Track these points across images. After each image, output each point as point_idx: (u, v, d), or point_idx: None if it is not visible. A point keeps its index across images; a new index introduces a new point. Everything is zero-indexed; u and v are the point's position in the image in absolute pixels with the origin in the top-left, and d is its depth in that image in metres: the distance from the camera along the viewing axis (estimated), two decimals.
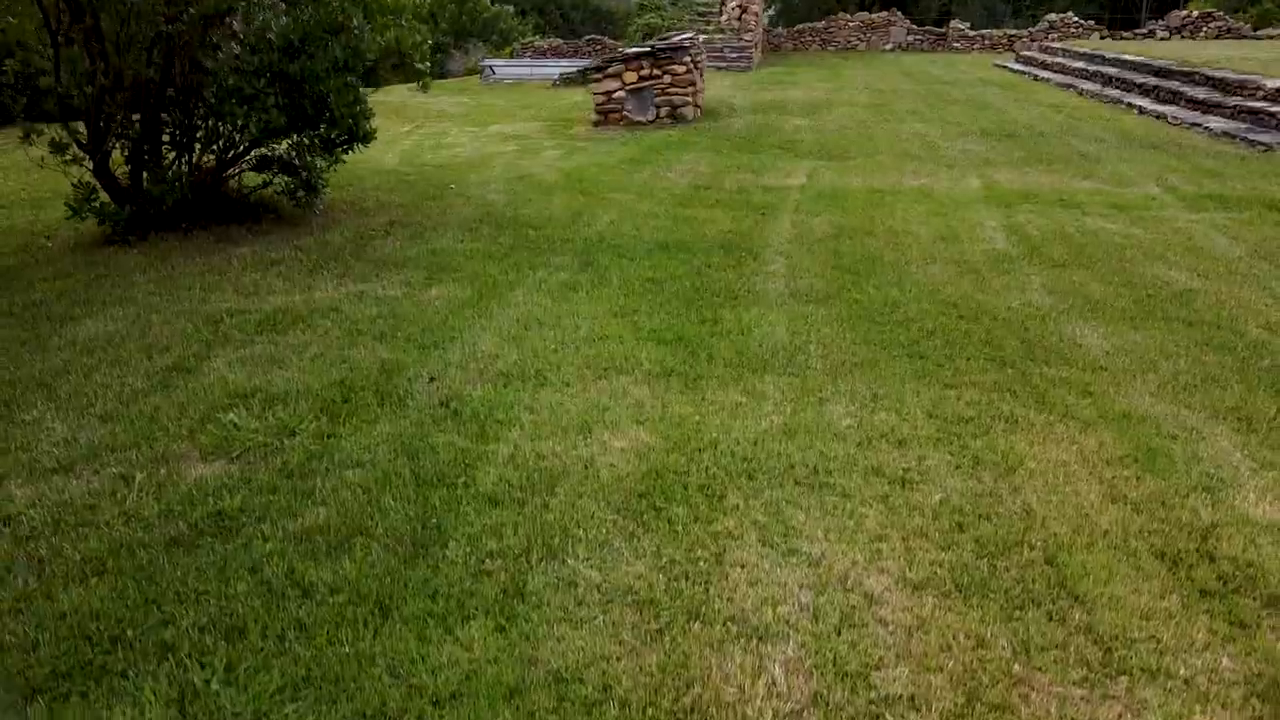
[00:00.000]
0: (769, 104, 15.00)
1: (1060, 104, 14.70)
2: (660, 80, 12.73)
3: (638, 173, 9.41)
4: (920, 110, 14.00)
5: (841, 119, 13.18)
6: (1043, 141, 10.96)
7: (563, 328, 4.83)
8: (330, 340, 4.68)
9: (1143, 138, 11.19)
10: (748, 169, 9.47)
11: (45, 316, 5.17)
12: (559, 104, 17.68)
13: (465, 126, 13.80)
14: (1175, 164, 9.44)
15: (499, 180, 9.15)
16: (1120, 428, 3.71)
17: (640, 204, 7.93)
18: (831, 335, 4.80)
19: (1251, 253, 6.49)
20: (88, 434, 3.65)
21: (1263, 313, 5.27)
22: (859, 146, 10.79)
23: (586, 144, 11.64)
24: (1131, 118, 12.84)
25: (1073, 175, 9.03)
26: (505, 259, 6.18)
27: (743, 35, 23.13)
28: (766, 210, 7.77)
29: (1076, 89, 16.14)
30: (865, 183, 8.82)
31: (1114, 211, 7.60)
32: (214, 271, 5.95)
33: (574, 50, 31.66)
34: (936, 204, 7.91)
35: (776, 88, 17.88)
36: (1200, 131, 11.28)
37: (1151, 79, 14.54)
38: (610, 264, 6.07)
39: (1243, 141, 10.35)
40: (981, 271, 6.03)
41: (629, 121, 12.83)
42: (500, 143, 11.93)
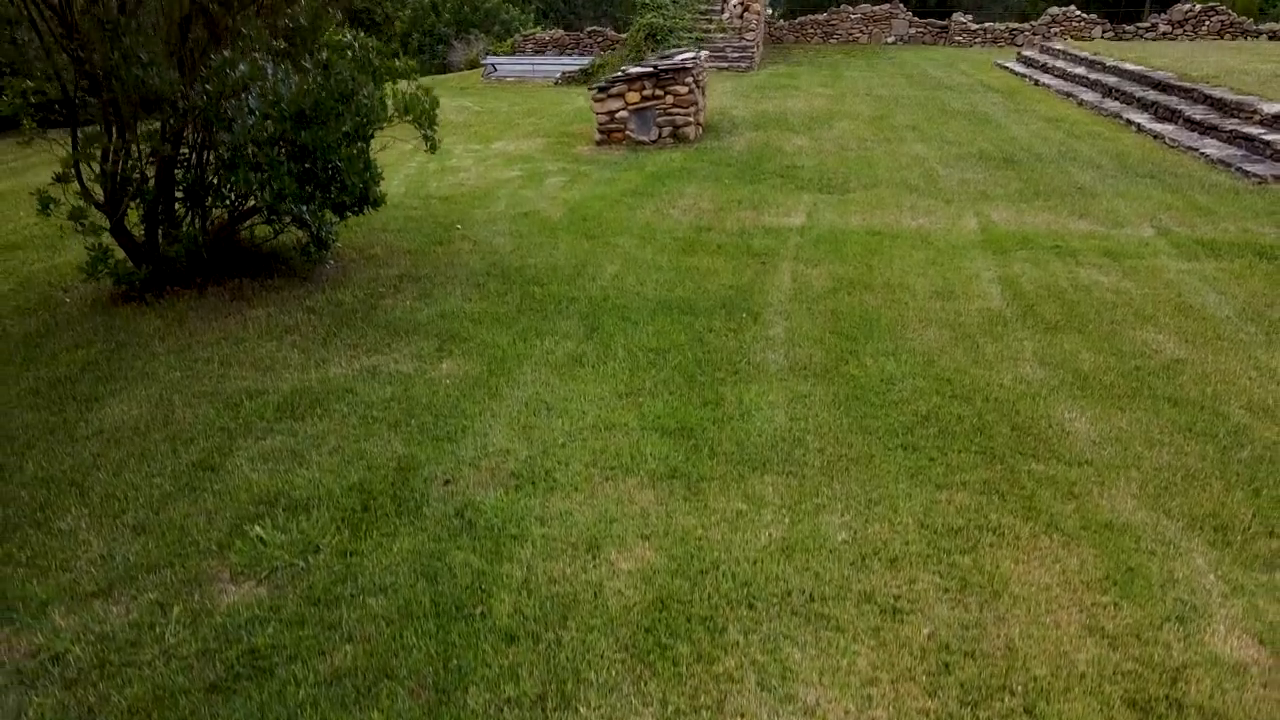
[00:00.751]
0: (770, 117, 15.09)
1: (1060, 117, 14.79)
2: (663, 100, 12.84)
3: (640, 208, 9.55)
4: (920, 126, 14.09)
5: (842, 136, 13.28)
6: (1040, 168, 11.08)
7: (570, 414, 5.02)
8: (346, 430, 4.87)
9: (1139, 163, 11.31)
10: (748, 204, 9.61)
11: (71, 396, 5.36)
12: (562, 110, 17.77)
13: (469, 143, 13.91)
14: (1170, 199, 9.58)
15: (504, 218, 9.31)
16: (1102, 542, 3.91)
17: (643, 250, 8.09)
18: (828, 421, 4.99)
19: (1240, 312, 6.66)
20: (122, 549, 3.85)
21: (1246, 389, 5.45)
22: (858, 174, 10.92)
23: (590, 168, 11.76)
24: (1129, 137, 12.94)
25: (1069, 213, 9.17)
26: (512, 325, 6.36)
27: (744, 35, 23.14)
28: (766, 258, 7.93)
29: (1076, 99, 16.21)
30: (864, 222, 8.96)
31: (1107, 261, 7.76)
32: (230, 339, 6.13)
33: (575, 42, 31.63)
34: (934, 251, 8.07)
35: (778, 94, 17.94)
36: (1196, 157, 11.40)
37: (1151, 93, 14.63)
38: (615, 330, 6.25)
39: (1237, 172, 10.48)
40: (975, 337, 6.21)
41: (631, 141, 12.95)
42: (504, 165, 12.05)
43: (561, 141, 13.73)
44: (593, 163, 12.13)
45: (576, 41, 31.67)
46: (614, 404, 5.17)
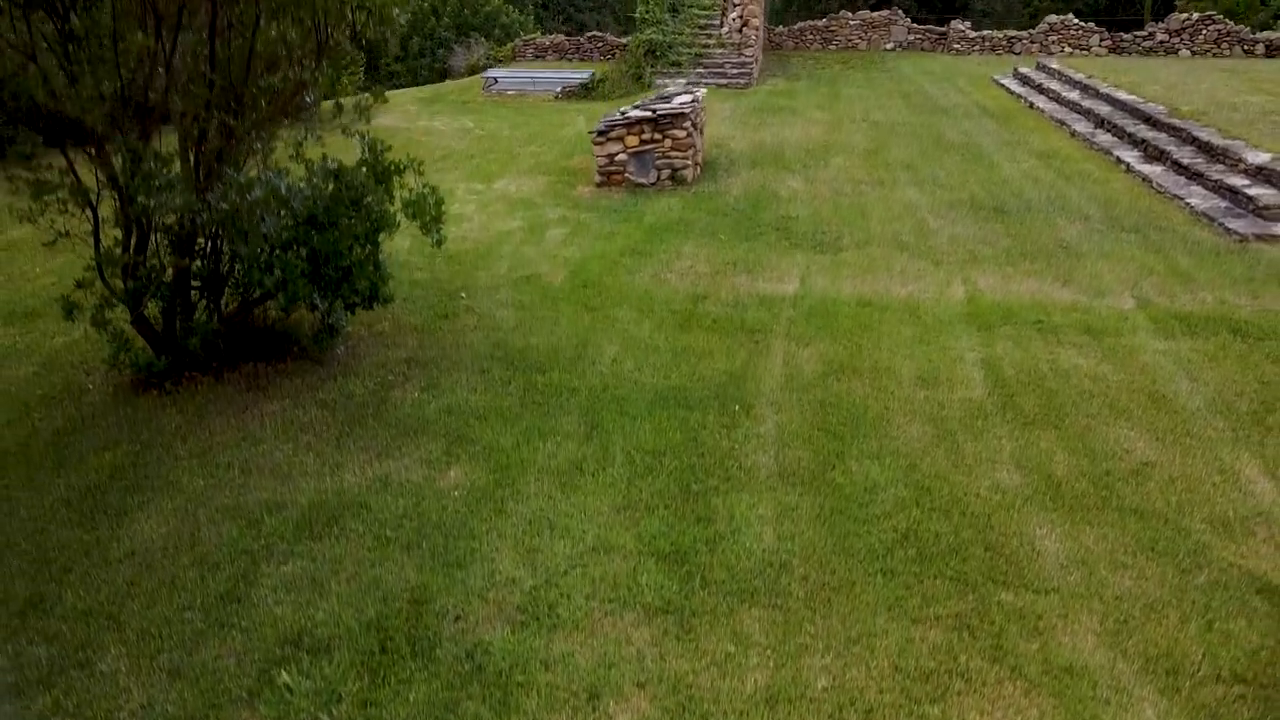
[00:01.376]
0: (766, 151, 15.35)
1: (1052, 152, 15.06)
2: (661, 144, 13.11)
3: (639, 271, 9.86)
4: (914, 163, 14.36)
5: (836, 178, 13.55)
6: (1029, 220, 11.36)
7: (571, 535, 5.36)
8: (362, 553, 5.21)
9: (1126, 213, 11.60)
10: (743, 267, 9.91)
11: (101, 509, 5.70)
12: (562, 136, 18.02)
13: (472, 182, 14.18)
14: (1152, 261, 9.88)
15: (506, 283, 9.61)
16: (1061, 689, 4.25)
17: (641, 326, 8.41)
18: (813, 541, 5.33)
19: (1210, 403, 6.99)
20: (161, 697, 4.20)
21: (1209, 498, 5.79)
22: (852, 227, 11.21)
23: (590, 216, 12.06)
24: (1119, 179, 13.22)
25: (1053, 278, 9.47)
26: (516, 422, 6.69)
27: (743, 51, 23.34)
28: (760, 334, 8.26)
29: (1069, 128, 16.46)
30: (856, 290, 9.27)
31: (1087, 339, 8.07)
32: (249, 440, 6.47)
33: (575, 47, 31.79)
34: (921, 326, 8.38)
35: (775, 120, 18.18)
36: (1181, 207, 11.69)
37: (1142, 128, 14.88)
38: (613, 428, 6.58)
39: (1219, 227, 10.77)
40: (957, 434, 6.54)
41: (631, 183, 13.23)
42: (506, 213, 12.33)
43: (562, 180, 14.00)
44: (593, 209, 12.41)
45: (577, 47, 31.82)
46: (612, 521, 5.50)
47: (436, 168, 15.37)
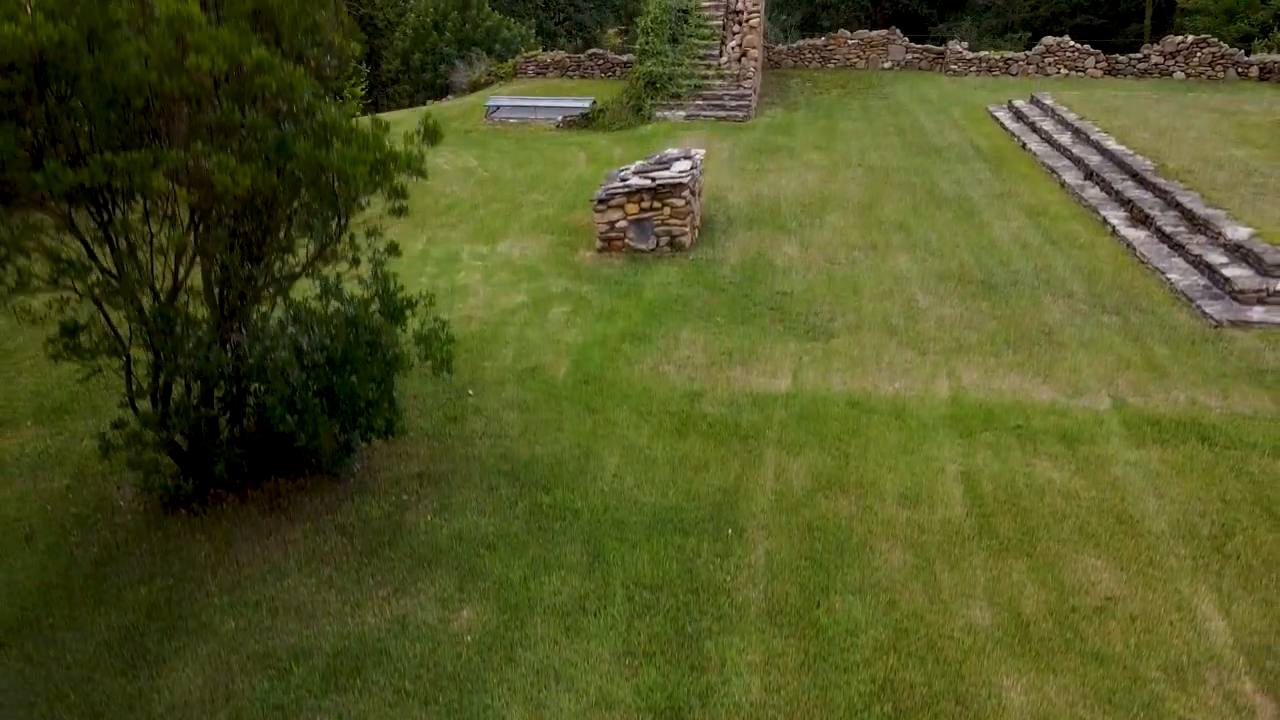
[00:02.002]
0: (763, 207, 15.76)
1: (1042, 208, 15.46)
2: (660, 212, 13.52)
3: (639, 361, 10.32)
4: (907, 223, 14.76)
5: (830, 243, 13.96)
6: (1015, 298, 11.79)
7: (576, 689, 5.85)
8: (384, 709, 5.70)
9: (1109, 288, 12.03)
10: (738, 358, 10.35)
11: (141, 656, 6.19)
12: (563, 180, 18.45)
13: (476, 243, 14.59)
14: (1130, 351, 10.32)
15: (511, 376, 10.07)
16: None
17: (640, 432, 8.87)
18: (798, 692, 5.81)
19: (1174, 527, 7.46)
20: None
21: (1166, 640, 6.27)
22: (843, 307, 11.64)
23: (591, 288, 12.50)
24: (1104, 244, 13.62)
25: (1034, 373, 9.92)
26: (523, 551, 7.17)
27: (742, 82, 23.66)
28: (753, 440, 8.72)
29: (1059, 177, 16.84)
30: (845, 386, 9.72)
31: (1062, 449, 8.53)
32: (275, 573, 6.95)
33: (576, 64, 32.10)
34: (907, 432, 8.84)
35: (772, 164, 18.56)
36: (1162, 282, 12.11)
37: (1129, 185, 15.27)
38: (614, 558, 7.06)
39: (1197, 310, 11.20)
40: (935, 565, 7.01)
41: (631, 249, 13.65)
42: (511, 285, 12.75)
43: (564, 243, 14.41)
44: (594, 279, 12.85)
45: (578, 64, 32.12)
46: (613, 671, 5.99)
47: (441, 222, 15.83)
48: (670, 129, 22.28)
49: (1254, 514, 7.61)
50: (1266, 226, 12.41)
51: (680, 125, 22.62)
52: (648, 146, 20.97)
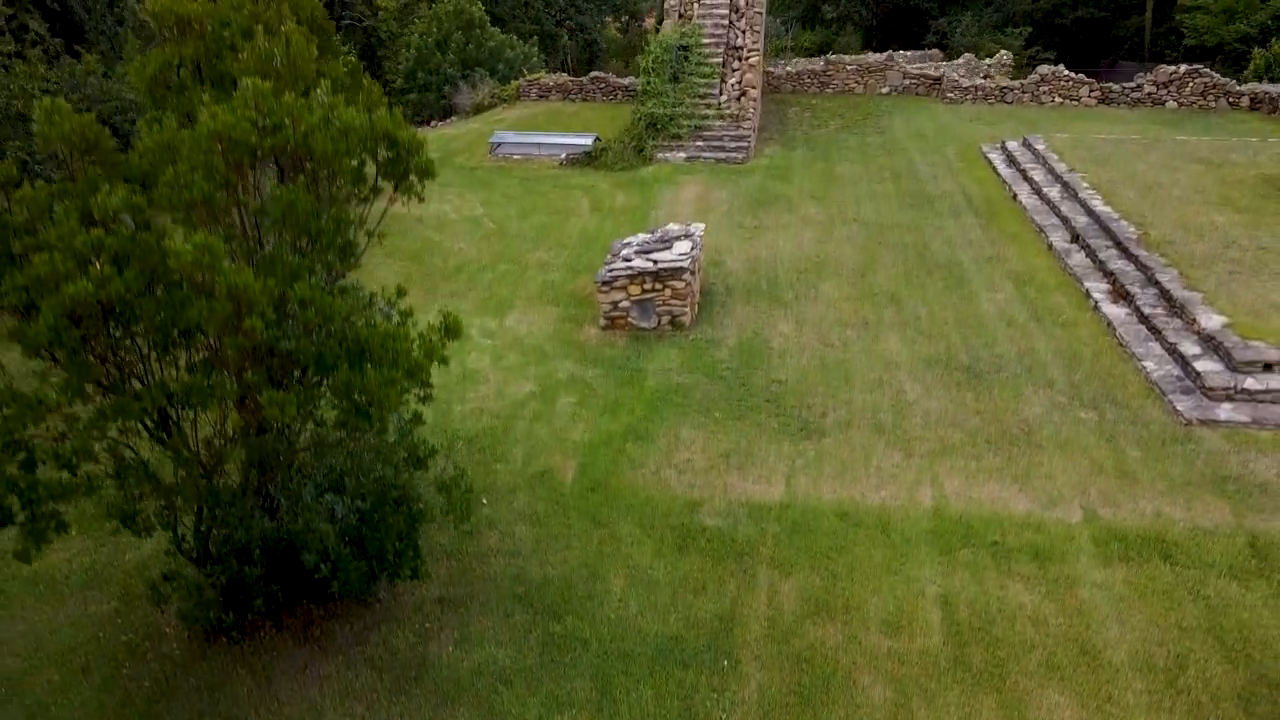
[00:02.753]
0: (760, 272, 16.38)
1: (1029, 275, 16.08)
2: (661, 293, 14.15)
3: (643, 463, 11.00)
4: (899, 294, 15.39)
5: (824, 318, 14.59)
6: (998, 389, 12.43)
7: None
8: None
9: (1088, 377, 12.68)
10: (735, 462, 11.03)
11: None
12: (567, 234, 19.07)
13: (485, 316, 15.22)
14: (1103, 455, 10.99)
15: (523, 484, 10.74)
16: None
17: (643, 549, 9.57)
18: None
19: (1133, 658, 8.16)
20: None
21: None
22: (835, 399, 12.29)
23: (596, 373, 13.16)
24: (1085, 322, 14.25)
25: (1012, 479, 10.60)
26: (537, 688, 7.88)
27: (741, 123, 24.18)
28: (748, 558, 9.42)
29: (1046, 239, 17.45)
30: (835, 495, 10.41)
31: (1034, 569, 9.22)
32: (312, 711, 7.67)
33: (578, 88, 32.60)
34: (891, 548, 9.53)
35: (770, 217, 19.15)
36: (1138, 370, 12.76)
37: (1114, 254, 15.87)
38: (620, 694, 7.78)
39: (1169, 406, 11.85)
40: (912, 702, 7.72)
41: (633, 328, 14.30)
42: (520, 369, 13.40)
43: (569, 316, 15.06)
44: (598, 362, 13.51)
45: (580, 87, 32.60)
46: None
47: (451, 289, 16.46)
48: (671, 172, 22.83)
49: (1207, 644, 8.30)
50: (1239, 315, 13.02)
51: (681, 168, 23.17)
52: (649, 193, 21.61)
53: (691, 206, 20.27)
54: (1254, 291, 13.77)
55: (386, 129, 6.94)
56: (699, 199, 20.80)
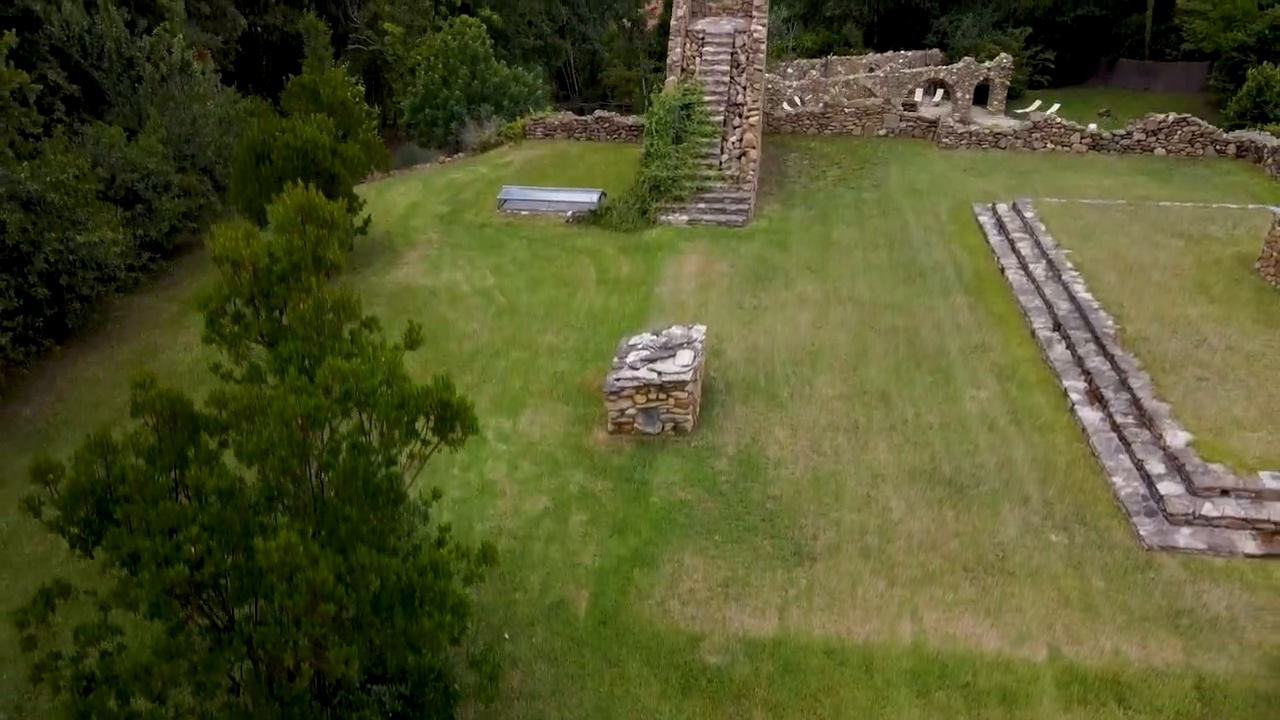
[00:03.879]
0: (758, 364, 17.36)
1: (1011, 369, 17.06)
2: (665, 402, 15.16)
3: (649, 593, 12.08)
4: (889, 393, 16.38)
5: (817, 421, 15.59)
6: (978, 507, 13.46)
7: None
8: None
9: (1061, 492, 13.71)
10: (734, 592, 12.10)
11: None
12: (575, 312, 20.05)
13: (500, 416, 16.21)
14: (1070, 584, 12.04)
15: (540, 617, 11.81)
16: None
17: (649, 690, 10.65)
18: None
19: None
20: None
21: None
22: (826, 521, 13.33)
23: (605, 485, 14.21)
24: (1062, 427, 15.26)
25: (985, 613, 11.66)
26: None
27: (742, 185, 25.08)
28: (745, 699, 10.52)
29: (1030, 324, 18.42)
30: (824, 630, 11.48)
31: (1001, 711, 10.31)
32: None
33: (583, 127, 33.48)
34: (873, 692, 10.62)
35: (768, 297, 20.10)
36: (1107, 485, 13.78)
37: (1092, 349, 16.86)
38: None
39: (1133, 529, 12.90)
40: None
41: (639, 433, 15.32)
42: (534, 483, 14.43)
43: (579, 417, 16.07)
44: (606, 472, 14.55)
45: (584, 127, 33.46)
46: None
47: (466, 381, 17.45)
48: (674, 238, 23.75)
49: None
50: (1202, 432, 14.03)
51: (683, 232, 24.08)
52: (653, 262, 22.57)
53: (693, 282, 21.22)
54: (1218, 403, 14.76)
55: (441, 398, 7.85)
56: (700, 272, 21.74)
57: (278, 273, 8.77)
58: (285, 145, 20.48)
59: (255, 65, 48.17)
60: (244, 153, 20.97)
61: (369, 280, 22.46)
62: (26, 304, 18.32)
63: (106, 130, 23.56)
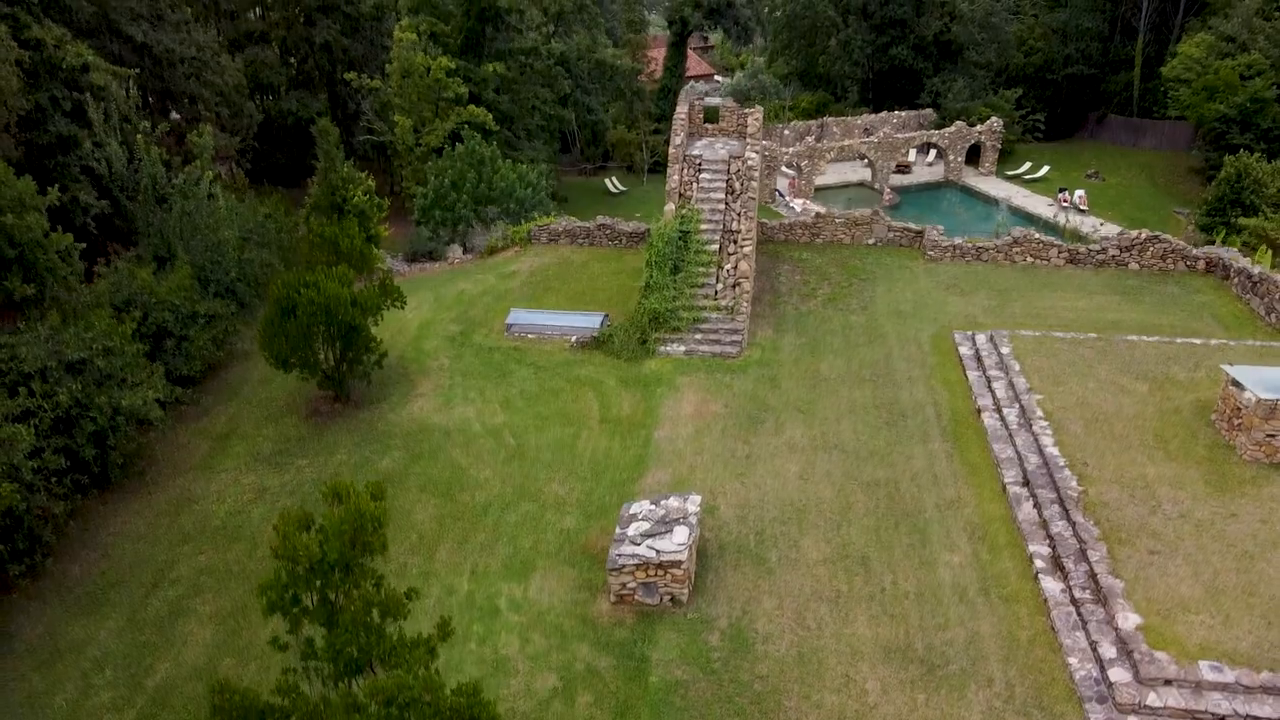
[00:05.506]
0: (748, 526, 18.82)
1: (983, 528, 18.50)
2: (663, 577, 16.64)
3: None
4: (869, 558, 17.82)
5: (802, 592, 17.04)
6: (946, 688, 14.88)
7: None
8: None
9: (1022, 671, 15.14)
10: None
11: None
12: (579, 456, 21.54)
13: (510, 580, 17.67)
14: None
15: None
16: None
17: None
18: None
19: None
20: None
21: None
22: (808, 705, 14.75)
23: (608, 663, 15.65)
24: (1026, 597, 16.68)
25: None
26: None
27: (735, 316, 26.64)
28: None
29: (1001, 477, 19.89)
30: None
31: None
32: None
33: (585, 233, 35.17)
34: None
35: (759, 443, 21.58)
36: (1064, 666, 15.20)
37: (1056, 512, 18.32)
38: None
39: (1085, 717, 14.32)
40: None
41: (639, 604, 16.79)
42: (544, 658, 15.87)
43: (584, 583, 17.54)
44: (609, 648, 16.00)
45: (587, 233, 35.16)
46: None
47: (480, 540, 18.91)
48: (672, 372, 25.26)
49: None
50: (1151, 615, 15.47)
51: (681, 365, 25.59)
52: (652, 399, 24.10)
53: (690, 425, 22.72)
54: (1167, 581, 16.20)
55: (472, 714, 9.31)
56: (696, 413, 23.25)
57: (330, 561, 10.26)
58: (309, 301, 22.06)
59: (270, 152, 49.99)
60: (272, 307, 22.54)
61: (386, 416, 24.00)
62: (74, 464, 19.82)
63: (139, 273, 25.16)
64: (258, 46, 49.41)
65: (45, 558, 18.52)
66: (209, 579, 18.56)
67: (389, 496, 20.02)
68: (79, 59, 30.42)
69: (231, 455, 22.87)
